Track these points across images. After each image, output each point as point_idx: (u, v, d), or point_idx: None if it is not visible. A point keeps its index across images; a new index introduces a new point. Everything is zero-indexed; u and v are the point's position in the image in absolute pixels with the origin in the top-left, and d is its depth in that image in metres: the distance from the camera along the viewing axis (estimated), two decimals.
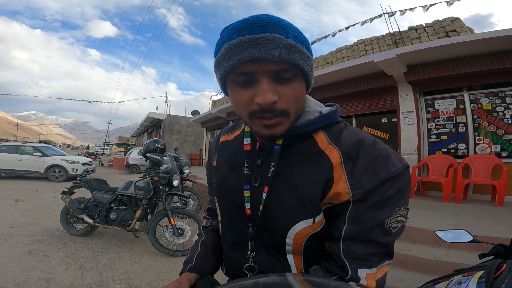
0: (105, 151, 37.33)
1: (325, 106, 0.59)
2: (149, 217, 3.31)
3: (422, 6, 6.26)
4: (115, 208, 3.40)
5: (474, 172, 4.30)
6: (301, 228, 0.51)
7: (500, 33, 3.83)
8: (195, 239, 0.76)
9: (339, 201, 0.49)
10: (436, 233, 1.11)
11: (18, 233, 3.63)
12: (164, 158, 3.66)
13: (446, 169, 4.55)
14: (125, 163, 13.46)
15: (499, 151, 4.41)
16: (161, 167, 3.62)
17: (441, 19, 5.88)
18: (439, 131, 5.03)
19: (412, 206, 3.91)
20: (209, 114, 12.31)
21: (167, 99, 24.10)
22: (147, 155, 3.51)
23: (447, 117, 4.94)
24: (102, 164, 19.19)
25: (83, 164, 10.29)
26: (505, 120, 4.36)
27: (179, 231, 3.11)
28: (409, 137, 5.21)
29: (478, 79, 4.52)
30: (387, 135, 5.85)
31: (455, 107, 4.86)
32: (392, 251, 0.50)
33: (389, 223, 0.47)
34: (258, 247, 0.58)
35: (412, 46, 4.78)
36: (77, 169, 9.78)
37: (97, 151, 31.29)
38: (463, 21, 5.52)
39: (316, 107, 0.57)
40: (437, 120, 5.06)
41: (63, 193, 3.62)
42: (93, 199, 3.49)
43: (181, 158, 5.92)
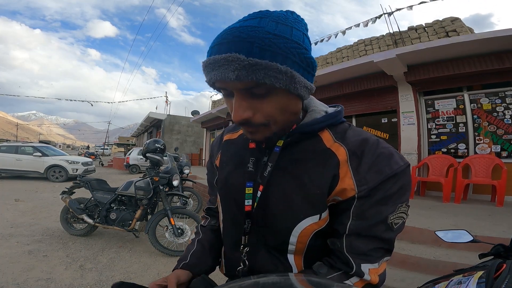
0: (105, 151, 37.35)
1: (330, 107, 0.61)
2: (149, 217, 3.31)
3: (421, 2, 6.26)
4: (115, 208, 3.40)
5: (474, 172, 4.30)
6: (307, 225, 0.52)
7: (500, 33, 3.84)
8: (192, 238, 0.75)
9: (344, 198, 0.50)
10: (436, 233, 1.11)
11: (18, 233, 3.63)
12: (164, 158, 3.66)
13: (446, 169, 4.55)
14: (125, 163, 13.46)
15: (499, 151, 4.41)
16: (161, 167, 3.63)
17: (441, 19, 5.88)
18: (439, 131, 5.03)
19: (412, 206, 3.91)
20: (209, 114, 12.32)
21: (167, 99, 24.10)
22: (147, 155, 3.51)
23: (447, 117, 4.95)
24: (102, 164, 19.19)
25: (83, 164, 10.29)
26: (505, 120, 4.36)
27: (179, 231, 3.11)
28: (409, 137, 5.21)
29: (478, 79, 4.52)
30: (387, 135, 5.85)
31: (455, 107, 4.86)
32: (392, 247, 0.52)
33: (391, 219, 0.49)
34: (259, 247, 0.58)
35: (412, 46, 4.78)
36: (77, 169, 9.78)
37: (97, 151, 31.28)
38: (463, 21, 5.52)
39: (321, 107, 0.58)
40: (437, 120, 5.06)
41: (63, 193, 3.62)
42: (93, 199, 3.49)
43: (181, 158, 5.92)
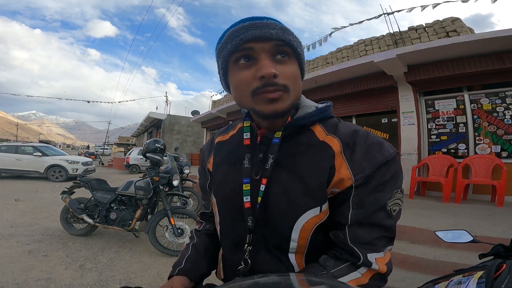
0: (105, 151, 37.33)
1: (319, 103, 0.64)
2: (149, 217, 3.31)
3: (421, 6, 6.26)
4: (115, 208, 3.40)
5: (474, 172, 4.30)
6: (309, 218, 0.52)
7: (500, 33, 3.84)
8: (186, 243, 0.75)
9: (342, 188, 0.51)
10: (436, 233, 1.11)
11: (18, 233, 3.63)
12: (164, 158, 3.66)
13: (446, 169, 4.55)
14: (125, 163, 13.45)
15: (499, 151, 4.41)
16: (161, 167, 3.62)
17: (441, 19, 5.88)
18: (439, 131, 5.03)
19: (412, 206, 3.90)
20: (209, 114, 12.31)
21: (167, 99, 24.08)
22: (147, 155, 3.51)
23: (447, 117, 4.95)
24: (102, 163, 19.19)
25: (83, 164, 10.29)
26: (505, 120, 4.36)
27: (179, 231, 3.11)
28: (409, 137, 5.21)
29: (478, 79, 4.52)
30: (387, 135, 5.85)
31: (455, 107, 4.86)
32: (394, 235, 0.53)
33: (390, 205, 0.51)
34: (259, 247, 0.58)
35: (412, 46, 4.78)
36: (77, 169, 9.77)
37: (97, 151, 31.27)
38: (463, 21, 5.52)
39: (311, 103, 0.61)
40: (437, 120, 5.06)
41: (63, 193, 3.61)
42: (93, 199, 3.49)
43: (181, 158, 5.92)
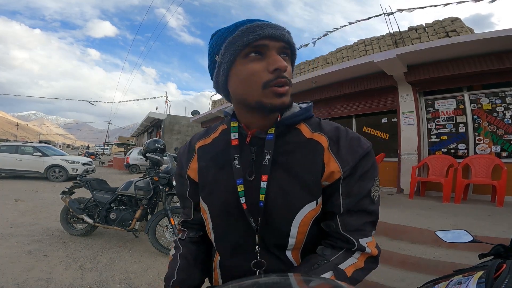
0: (105, 151, 37.31)
1: (299, 104, 0.66)
2: (149, 217, 3.31)
3: (421, 7, 6.27)
4: (115, 208, 3.40)
5: (474, 172, 4.30)
6: (306, 212, 0.55)
7: (500, 33, 3.83)
8: (172, 253, 0.70)
9: (331, 181, 0.56)
10: (436, 233, 1.10)
11: (18, 233, 3.63)
12: (164, 158, 3.66)
13: (446, 169, 4.55)
14: (125, 163, 13.45)
15: (499, 151, 4.41)
16: (161, 167, 3.62)
17: (441, 19, 5.88)
18: (439, 131, 5.03)
19: (412, 206, 3.90)
20: (209, 114, 12.32)
21: (167, 99, 24.07)
22: (147, 155, 3.51)
23: (447, 117, 4.94)
24: (102, 163, 19.17)
25: (83, 164, 10.29)
26: (505, 120, 4.36)
27: None
28: (409, 137, 5.21)
29: (478, 79, 4.52)
30: (387, 135, 5.85)
31: (455, 107, 4.86)
32: (377, 219, 0.59)
33: (373, 192, 0.57)
34: (261, 248, 0.58)
35: (412, 46, 4.78)
36: (77, 169, 9.77)
37: (97, 151, 31.25)
38: (463, 21, 5.52)
39: (295, 104, 0.64)
40: (437, 120, 5.06)
41: (63, 193, 3.61)
42: (93, 199, 3.49)
43: None
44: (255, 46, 0.52)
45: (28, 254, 2.95)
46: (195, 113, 17.63)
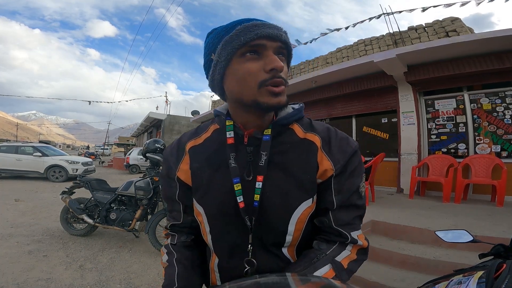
0: (105, 151, 37.31)
1: (290, 104, 0.66)
2: (149, 217, 3.31)
3: (422, 8, 6.26)
4: (115, 208, 3.40)
5: (474, 172, 4.30)
6: (303, 210, 0.57)
7: (500, 33, 3.83)
8: (166, 259, 0.67)
9: (324, 179, 0.58)
10: (436, 233, 1.10)
11: (18, 233, 3.63)
12: None
13: (446, 169, 4.55)
14: (125, 163, 13.46)
15: (499, 151, 4.41)
16: (161, 167, 3.62)
17: (441, 19, 5.88)
18: (439, 131, 5.03)
19: (412, 206, 3.89)
20: (209, 114, 12.32)
21: (167, 99, 24.07)
22: (147, 155, 3.51)
23: (447, 117, 4.94)
24: (102, 163, 19.17)
25: (83, 164, 10.29)
26: (505, 120, 4.36)
27: None
28: (409, 137, 5.21)
29: (478, 79, 4.52)
30: (387, 135, 5.85)
31: (455, 107, 4.86)
32: (364, 213, 0.62)
33: (361, 188, 0.60)
34: (257, 247, 0.58)
35: (412, 46, 4.78)
36: (77, 169, 9.77)
37: (97, 151, 31.26)
38: (463, 21, 5.52)
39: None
40: (437, 120, 5.06)
41: (63, 193, 3.61)
42: (93, 199, 3.49)
43: None
44: (252, 45, 0.51)
45: (28, 254, 2.95)
46: (195, 113, 17.63)
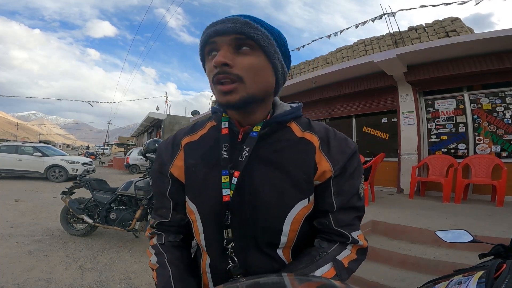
0: (105, 151, 37.31)
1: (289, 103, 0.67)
2: (149, 217, 3.31)
3: (421, 6, 6.27)
4: (115, 208, 3.40)
5: (474, 172, 4.30)
6: (299, 210, 0.55)
7: (500, 33, 3.83)
8: (155, 261, 0.63)
9: (322, 180, 0.57)
10: (436, 233, 1.10)
11: (18, 233, 3.63)
12: None
13: (446, 169, 4.55)
14: (125, 163, 13.46)
15: (499, 151, 4.41)
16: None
17: (441, 19, 5.89)
18: (439, 131, 5.03)
19: (412, 206, 3.89)
20: (209, 114, 12.31)
21: (167, 99, 24.08)
22: (147, 155, 3.51)
23: (447, 117, 4.94)
24: (102, 163, 19.17)
25: (83, 164, 10.29)
26: (505, 120, 4.36)
27: None
28: (409, 137, 5.21)
29: (478, 79, 4.52)
30: (387, 135, 5.85)
31: (455, 107, 4.86)
32: (363, 214, 0.62)
33: (360, 190, 0.60)
34: (249, 248, 0.56)
35: (412, 46, 4.78)
36: (77, 169, 9.77)
37: (97, 151, 31.27)
38: (463, 21, 5.53)
39: (285, 103, 0.65)
40: (437, 120, 5.06)
41: (63, 193, 3.61)
42: (93, 199, 3.49)
43: None
44: (208, 45, 0.53)
45: (28, 254, 2.95)
46: (195, 113, 17.63)
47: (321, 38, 7.69)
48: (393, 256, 2.46)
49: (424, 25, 6.13)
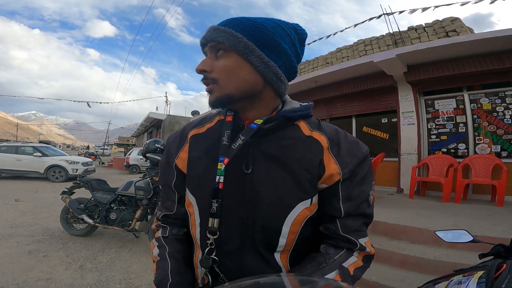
0: (105, 151, 37.31)
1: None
2: (149, 217, 3.31)
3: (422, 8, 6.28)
4: (115, 208, 3.40)
5: (474, 172, 4.30)
6: (300, 211, 0.54)
7: (500, 33, 3.84)
8: (157, 253, 0.64)
9: (330, 183, 0.55)
10: (436, 233, 1.10)
11: (18, 233, 3.62)
12: None
13: (446, 169, 4.55)
14: (125, 163, 13.46)
15: (499, 151, 4.41)
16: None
17: (441, 19, 5.89)
18: (439, 131, 5.03)
19: (412, 206, 3.89)
20: (209, 114, 12.29)
21: (167, 99, 24.08)
22: (147, 155, 3.51)
23: (447, 117, 4.94)
24: (102, 163, 19.17)
25: (83, 164, 10.29)
26: (505, 120, 4.36)
27: None
28: (409, 137, 5.21)
29: (478, 79, 4.52)
30: (387, 135, 5.85)
31: (455, 107, 4.86)
32: (372, 221, 0.60)
33: (370, 196, 0.58)
34: (246, 248, 0.55)
35: (412, 46, 4.78)
36: (77, 169, 9.77)
37: (97, 151, 31.28)
38: (463, 21, 5.53)
39: (295, 101, 0.64)
40: (437, 120, 5.06)
41: (63, 193, 3.61)
42: (93, 199, 3.49)
43: None
44: (203, 52, 0.58)
45: (28, 254, 2.95)
46: (195, 113, 17.63)
47: (320, 38, 7.69)
48: (393, 256, 2.46)
49: (424, 25, 6.13)
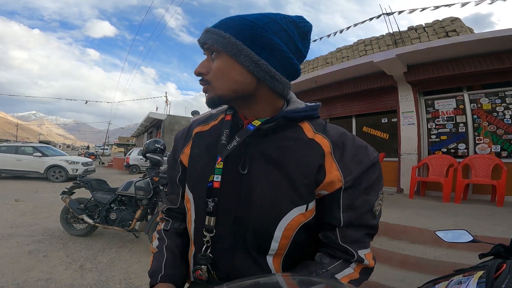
0: (105, 151, 37.31)
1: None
2: (149, 217, 3.31)
3: (422, 8, 6.29)
4: (115, 208, 3.40)
5: (474, 172, 4.30)
6: (294, 216, 0.52)
7: (500, 33, 3.84)
8: (156, 245, 0.66)
9: (330, 190, 0.52)
10: (436, 233, 1.10)
11: (18, 233, 3.62)
12: (164, 158, 3.66)
13: (446, 169, 4.55)
14: (125, 163, 13.45)
15: (499, 151, 4.41)
16: (161, 167, 3.62)
17: (440, 19, 5.89)
18: (439, 131, 5.03)
19: (412, 206, 3.88)
20: (209, 114, 12.32)
21: (167, 99, 24.09)
22: (147, 155, 3.51)
23: (447, 117, 4.95)
24: (102, 163, 19.17)
25: (83, 164, 10.29)
26: (505, 120, 4.36)
27: None
28: (409, 137, 5.21)
29: (478, 79, 4.53)
30: (387, 135, 5.85)
31: (455, 107, 4.86)
32: (377, 231, 0.57)
33: (375, 207, 0.54)
34: (237, 249, 0.55)
35: (412, 46, 4.79)
36: (77, 169, 9.76)
37: (97, 151, 31.28)
38: (463, 21, 5.53)
39: (301, 101, 0.62)
40: (437, 120, 5.06)
41: (63, 193, 3.61)
42: (93, 199, 3.49)
43: None
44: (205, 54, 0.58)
45: (28, 254, 2.95)
46: (195, 113, 17.62)
47: (320, 38, 7.69)
48: (393, 256, 2.46)
49: (424, 25, 6.14)
